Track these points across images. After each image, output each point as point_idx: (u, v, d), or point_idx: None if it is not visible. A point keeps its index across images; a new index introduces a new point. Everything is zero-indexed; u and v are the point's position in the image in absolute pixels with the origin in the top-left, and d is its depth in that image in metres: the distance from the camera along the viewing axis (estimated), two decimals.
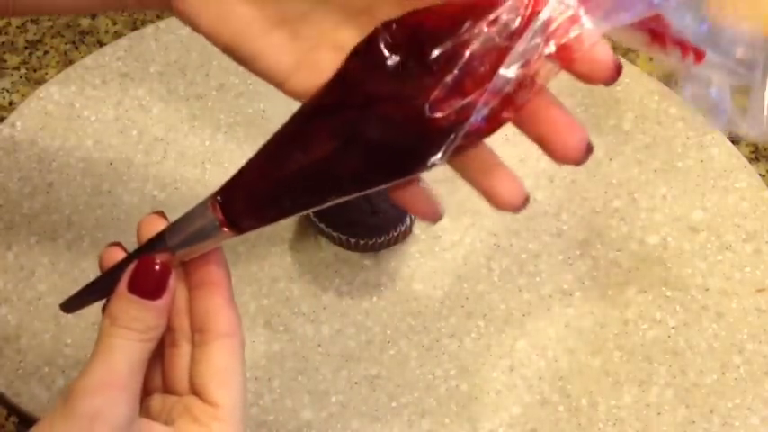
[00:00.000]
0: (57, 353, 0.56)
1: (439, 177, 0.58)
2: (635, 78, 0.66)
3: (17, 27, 0.70)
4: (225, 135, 0.64)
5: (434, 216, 0.35)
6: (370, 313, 0.57)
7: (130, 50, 0.67)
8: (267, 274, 0.59)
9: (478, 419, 0.54)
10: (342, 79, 0.32)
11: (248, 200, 0.34)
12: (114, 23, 0.70)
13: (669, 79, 0.66)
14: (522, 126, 0.31)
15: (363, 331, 0.57)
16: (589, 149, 0.31)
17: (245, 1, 0.33)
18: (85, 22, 0.70)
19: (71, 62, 0.67)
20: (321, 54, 0.34)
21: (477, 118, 0.30)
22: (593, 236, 0.60)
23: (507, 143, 0.33)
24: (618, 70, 0.29)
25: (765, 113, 0.39)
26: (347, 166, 0.32)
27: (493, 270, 0.59)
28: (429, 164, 0.31)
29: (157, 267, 0.34)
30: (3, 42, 0.69)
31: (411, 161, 0.31)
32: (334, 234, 0.57)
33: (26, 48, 0.69)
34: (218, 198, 0.34)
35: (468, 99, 0.30)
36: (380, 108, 0.31)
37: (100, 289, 0.37)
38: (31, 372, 0.55)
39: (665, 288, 0.58)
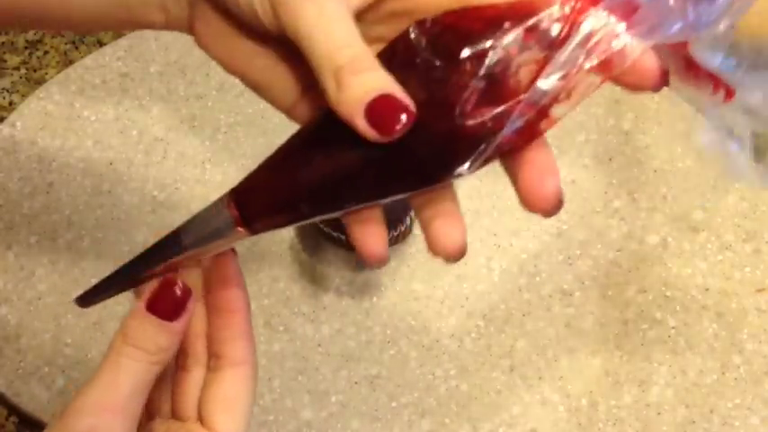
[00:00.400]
0: (57, 353, 0.56)
1: None
2: None
3: None
4: (225, 135, 0.64)
5: (377, 258, 0.33)
6: (370, 313, 0.57)
7: (130, 50, 0.67)
8: (267, 274, 0.59)
9: (478, 419, 0.54)
10: None
11: (265, 201, 0.33)
12: None
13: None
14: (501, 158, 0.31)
15: (363, 331, 0.57)
16: (560, 200, 0.30)
17: (251, 37, 0.34)
18: None
19: (71, 62, 0.67)
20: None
21: (510, 129, 0.28)
22: (593, 236, 0.60)
23: None
24: (665, 77, 0.28)
25: None
26: (370, 173, 0.30)
27: (493, 270, 0.59)
28: (456, 173, 0.29)
29: (178, 290, 0.34)
30: (3, 42, 0.69)
31: (438, 169, 0.29)
32: (335, 234, 0.57)
33: (26, 48, 0.69)
34: (236, 197, 0.34)
35: (503, 108, 0.28)
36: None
37: (115, 285, 0.36)
38: (31, 372, 0.55)
39: (664, 288, 0.58)
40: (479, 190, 0.61)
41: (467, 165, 0.29)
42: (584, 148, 0.63)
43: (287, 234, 0.60)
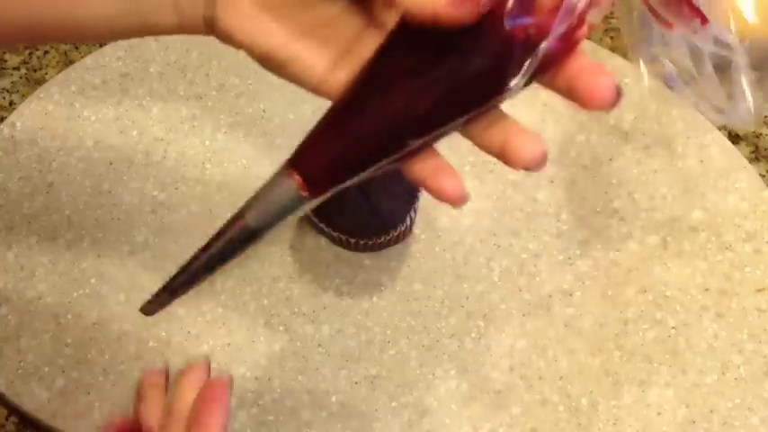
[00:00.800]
0: (57, 353, 0.56)
1: None
2: (635, 78, 0.66)
3: None
4: (225, 135, 0.64)
5: (457, 195, 0.34)
6: (370, 313, 0.57)
7: (130, 50, 0.68)
8: (267, 274, 0.59)
9: (478, 419, 0.54)
10: (407, 28, 0.32)
11: (327, 159, 0.33)
12: None
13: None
14: (549, 79, 0.32)
15: (363, 331, 0.57)
16: (618, 93, 0.31)
17: (278, 16, 0.34)
18: None
19: (71, 62, 0.67)
20: (352, 56, 0.35)
21: (553, 36, 0.30)
22: (593, 236, 0.60)
23: None
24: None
25: (748, 100, 0.41)
26: (427, 103, 0.32)
27: (493, 270, 0.59)
28: (510, 86, 0.31)
29: None
30: None
31: (491, 85, 0.31)
32: (334, 234, 0.57)
33: (26, 48, 0.69)
34: (295, 163, 0.34)
35: (544, 17, 0.30)
36: (458, 34, 0.31)
37: (184, 282, 0.36)
38: (31, 372, 0.55)
39: (664, 288, 0.58)
40: (479, 190, 0.61)
41: (519, 75, 0.30)
42: (585, 148, 0.63)
43: (287, 234, 0.60)
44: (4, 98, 0.66)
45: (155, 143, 0.64)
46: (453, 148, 0.35)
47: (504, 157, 0.33)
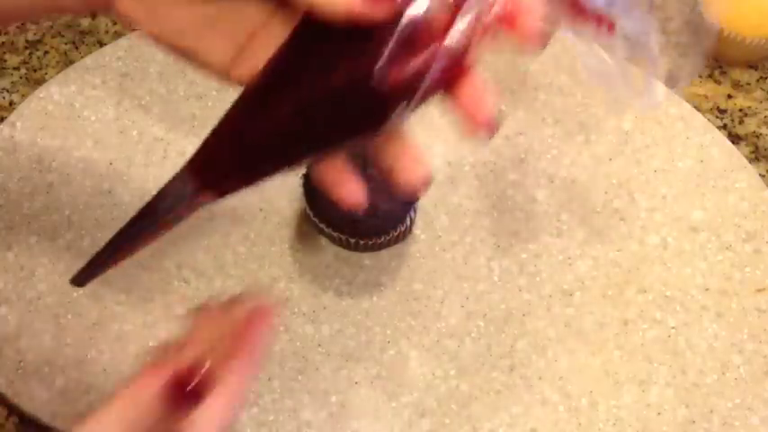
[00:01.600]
0: (57, 353, 0.56)
1: (438, 178, 0.58)
2: None
3: (17, 27, 0.70)
4: None
5: (357, 203, 0.35)
6: (370, 313, 0.57)
7: (130, 50, 0.67)
8: (267, 273, 0.59)
9: (478, 419, 0.54)
10: (292, 47, 0.33)
11: (222, 164, 0.34)
12: (114, 23, 0.70)
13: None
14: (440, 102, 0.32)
15: (363, 331, 0.57)
16: (496, 125, 0.32)
17: (179, 3, 0.34)
18: (85, 22, 0.70)
19: (71, 62, 0.67)
20: (257, 42, 0.35)
21: (425, 83, 0.30)
22: (593, 236, 0.60)
23: (507, 143, 0.33)
24: (545, 40, 0.32)
25: (659, 87, 0.43)
26: (309, 129, 0.32)
27: (493, 270, 0.59)
28: (380, 131, 0.31)
29: None
30: (3, 42, 0.69)
31: (365, 126, 0.31)
32: (334, 234, 0.57)
33: (26, 48, 0.69)
34: (191, 169, 0.34)
35: (415, 65, 0.30)
36: (330, 77, 0.31)
37: (105, 260, 0.37)
38: (31, 372, 0.55)
39: (664, 288, 0.58)
40: (479, 190, 0.61)
41: (391, 119, 0.31)
42: (584, 148, 0.63)
43: (287, 234, 0.60)
44: (4, 98, 0.66)
45: (155, 143, 0.64)
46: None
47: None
